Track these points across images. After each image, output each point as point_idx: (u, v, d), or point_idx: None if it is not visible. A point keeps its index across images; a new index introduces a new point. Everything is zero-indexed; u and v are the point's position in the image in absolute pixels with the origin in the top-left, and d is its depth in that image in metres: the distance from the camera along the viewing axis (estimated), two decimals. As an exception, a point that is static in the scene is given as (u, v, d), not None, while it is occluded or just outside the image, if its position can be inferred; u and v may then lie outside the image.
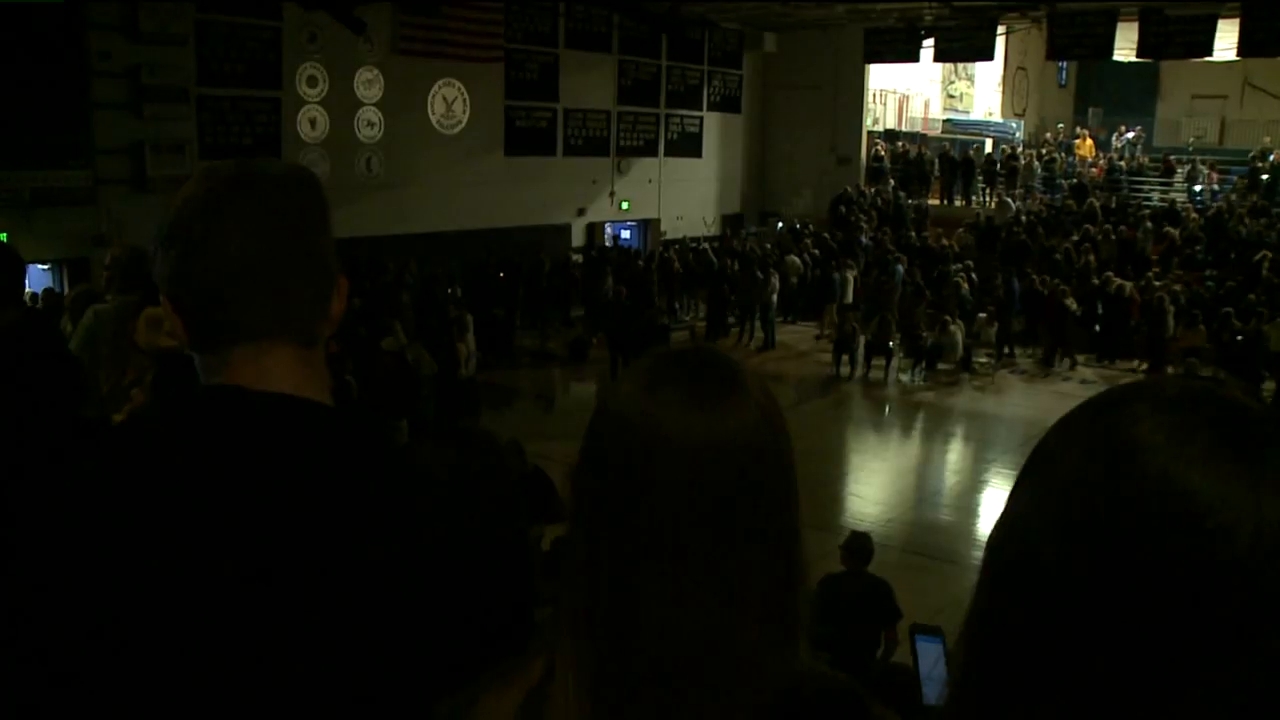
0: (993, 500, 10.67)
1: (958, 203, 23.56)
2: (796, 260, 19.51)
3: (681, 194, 22.80)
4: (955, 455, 13.15)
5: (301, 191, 1.14)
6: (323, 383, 1.13)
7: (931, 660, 2.01)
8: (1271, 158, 22.02)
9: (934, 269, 18.59)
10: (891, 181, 23.72)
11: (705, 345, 1.01)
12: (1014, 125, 28.53)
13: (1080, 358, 16.66)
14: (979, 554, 0.75)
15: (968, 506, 10.81)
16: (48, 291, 13.48)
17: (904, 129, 27.14)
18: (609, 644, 0.87)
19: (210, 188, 1.10)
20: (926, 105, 28.36)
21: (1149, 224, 19.87)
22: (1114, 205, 21.25)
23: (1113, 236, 19.38)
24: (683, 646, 0.86)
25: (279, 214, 1.10)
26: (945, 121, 28.26)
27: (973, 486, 11.50)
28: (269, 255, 1.08)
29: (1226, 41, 17.84)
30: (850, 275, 18.69)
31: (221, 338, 1.09)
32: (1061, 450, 0.70)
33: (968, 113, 29.23)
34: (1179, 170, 22.94)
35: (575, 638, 0.89)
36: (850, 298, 18.37)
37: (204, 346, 1.11)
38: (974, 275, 18.27)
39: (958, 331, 16.13)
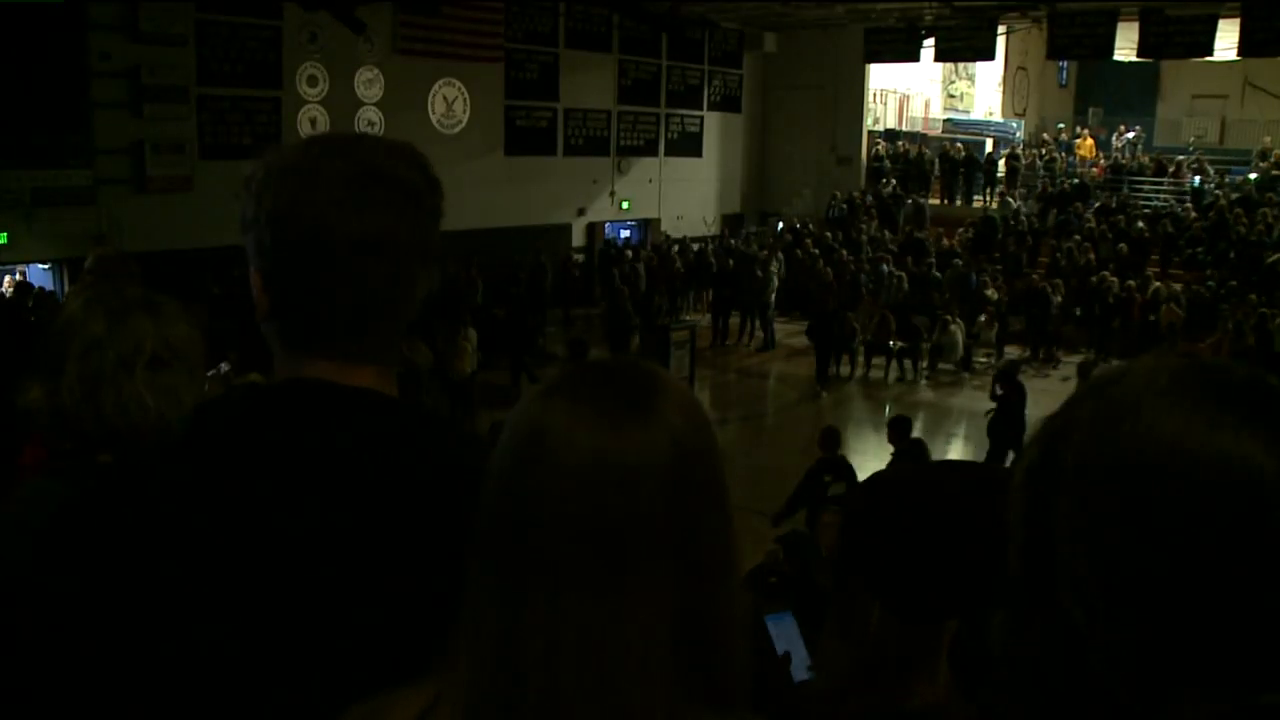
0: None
1: (958, 203, 23.57)
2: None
3: (681, 194, 22.80)
4: (955, 455, 13.14)
5: (423, 193, 1.07)
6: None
7: (788, 637, 1.94)
8: (1272, 157, 22.02)
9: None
10: (893, 181, 23.70)
11: (630, 359, 0.93)
12: (1014, 125, 28.52)
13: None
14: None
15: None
16: (40, 291, 13.50)
17: (904, 129, 27.14)
18: (490, 671, 0.82)
19: (328, 166, 1.03)
20: (927, 105, 28.35)
21: (1140, 223, 19.87)
22: (1114, 205, 21.24)
23: (1110, 236, 19.40)
24: (562, 680, 0.80)
25: (400, 220, 1.04)
26: (946, 121, 28.25)
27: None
28: (384, 269, 1.04)
29: (1227, 41, 17.83)
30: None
31: (311, 341, 1.07)
32: (1072, 429, 0.74)
33: (968, 112, 29.21)
34: (1185, 169, 22.90)
35: (457, 661, 0.84)
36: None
37: (289, 341, 1.09)
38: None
39: (958, 331, 16.15)
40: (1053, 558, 0.73)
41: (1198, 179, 21.85)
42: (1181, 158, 23.46)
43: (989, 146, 25.73)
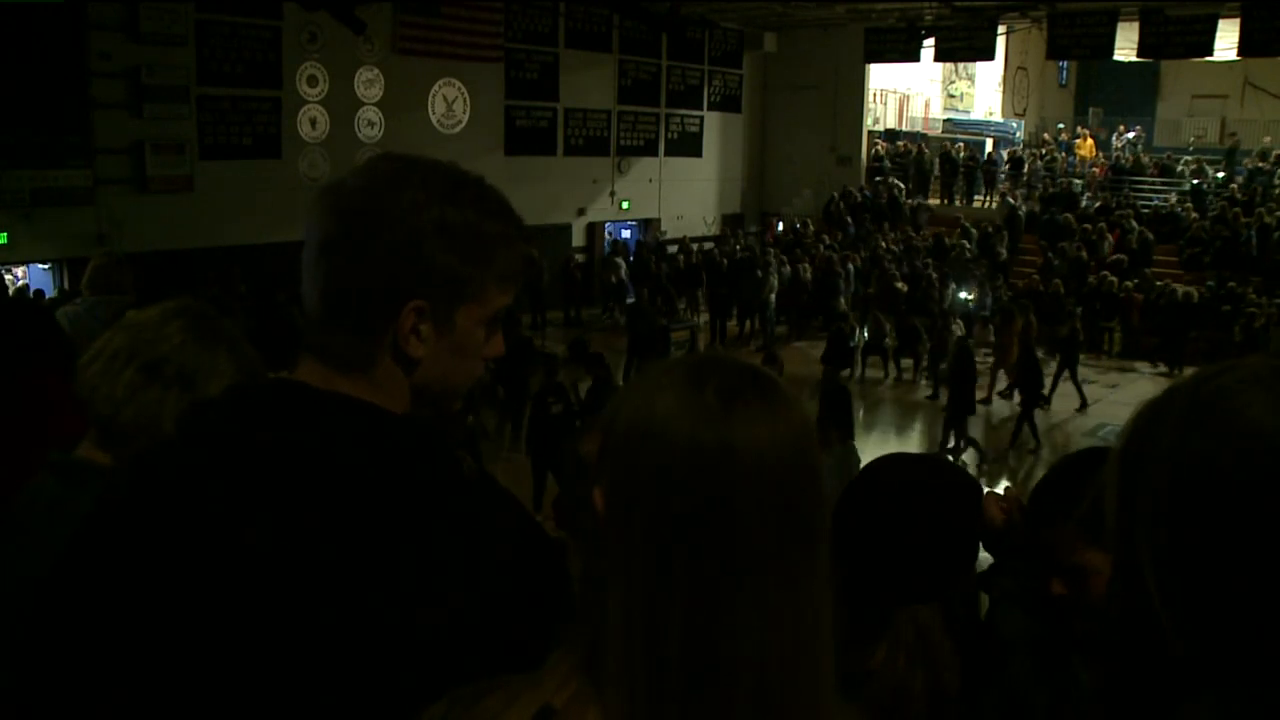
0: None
1: (958, 202, 23.56)
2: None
3: (681, 194, 22.80)
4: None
5: (368, 197, 1.08)
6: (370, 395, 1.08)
7: None
8: (1272, 156, 22.00)
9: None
10: (891, 181, 23.68)
11: (725, 353, 0.94)
12: (1014, 125, 28.53)
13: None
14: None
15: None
16: (37, 294, 13.48)
17: (904, 129, 27.13)
18: (682, 682, 0.78)
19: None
20: (927, 105, 28.35)
21: (1134, 222, 19.86)
22: (1114, 205, 21.22)
23: (1108, 236, 19.40)
24: (769, 677, 0.79)
25: (350, 225, 1.07)
26: (946, 121, 28.26)
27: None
28: (317, 269, 1.07)
29: (1226, 41, 17.84)
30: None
31: (307, 342, 1.11)
32: (1167, 412, 0.80)
33: (968, 112, 29.22)
34: (1181, 169, 22.88)
35: (628, 673, 0.80)
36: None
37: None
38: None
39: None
40: (1141, 532, 0.79)
41: (1195, 180, 21.83)
42: (1175, 156, 23.46)
43: (989, 146, 25.71)
